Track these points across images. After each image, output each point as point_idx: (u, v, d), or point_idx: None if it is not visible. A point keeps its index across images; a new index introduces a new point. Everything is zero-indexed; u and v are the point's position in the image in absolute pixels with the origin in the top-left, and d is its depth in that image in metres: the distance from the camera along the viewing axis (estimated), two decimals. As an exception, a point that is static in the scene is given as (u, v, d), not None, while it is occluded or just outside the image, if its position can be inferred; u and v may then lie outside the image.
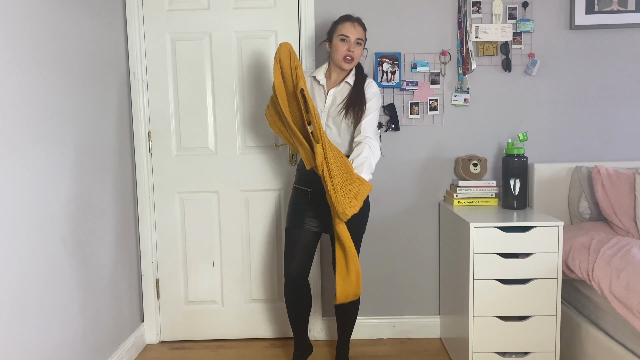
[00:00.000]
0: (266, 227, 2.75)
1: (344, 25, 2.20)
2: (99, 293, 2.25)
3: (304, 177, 2.28)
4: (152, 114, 2.68)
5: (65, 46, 1.99)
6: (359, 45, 2.21)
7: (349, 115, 2.19)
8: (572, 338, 2.28)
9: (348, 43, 2.18)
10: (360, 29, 2.21)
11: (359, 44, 2.20)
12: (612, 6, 2.59)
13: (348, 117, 2.19)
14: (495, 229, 2.16)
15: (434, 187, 2.72)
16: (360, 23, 2.23)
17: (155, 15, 2.62)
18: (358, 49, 2.20)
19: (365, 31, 2.24)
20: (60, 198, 1.94)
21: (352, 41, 2.18)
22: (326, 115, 2.23)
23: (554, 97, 2.66)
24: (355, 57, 2.20)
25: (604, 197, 2.38)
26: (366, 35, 2.26)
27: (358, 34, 2.19)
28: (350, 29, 2.19)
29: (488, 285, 2.18)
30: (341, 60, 2.19)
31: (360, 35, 2.20)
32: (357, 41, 2.19)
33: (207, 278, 2.77)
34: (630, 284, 1.87)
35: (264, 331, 2.81)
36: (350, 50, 2.18)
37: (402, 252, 2.75)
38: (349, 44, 2.18)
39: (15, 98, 1.67)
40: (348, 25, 2.19)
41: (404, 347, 2.67)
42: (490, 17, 2.61)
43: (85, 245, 2.13)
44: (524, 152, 2.48)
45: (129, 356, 2.53)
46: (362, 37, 2.21)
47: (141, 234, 2.71)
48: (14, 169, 1.66)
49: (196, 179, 2.71)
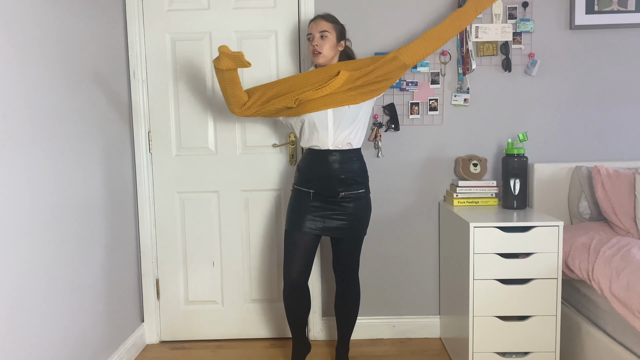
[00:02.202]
0: (266, 227, 2.75)
1: (309, 26, 2.27)
2: (99, 293, 2.25)
3: (305, 177, 2.26)
4: (152, 114, 2.68)
5: (65, 46, 1.99)
6: (326, 38, 2.21)
7: None
8: (572, 338, 2.28)
9: (313, 39, 2.22)
10: (322, 22, 2.23)
11: (325, 36, 2.21)
12: (612, 6, 2.59)
13: None
14: (495, 229, 2.16)
15: (434, 187, 2.72)
16: (324, 17, 2.25)
17: (155, 15, 2.62)
18: (325, 42, 2.21)
19: (333, 23, 2.24)
20: (60, 198, 1.94)
21: (316, 36, 2.21)
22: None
23: (554, 97, 2.66)
24: (324, 50, 2.21)
25: (604, 197, 2.38)
26: (339, 27, 2.26)
27: (320, 27, 2.21)
28: (312, 26, 2.24)
29: (488, 285, 2.18)
30: (311, 57, 2.25)
31: (323, 28, 2.21)
32: (322, 34, 2.21)
33: (207, 278, 2.77)
34: (630, 284, 1.87)
35: (263, 331, 2.81)
36: (315, 45, 2.21)
37: (402, 252, 2.75)
38: (314, 39, 2.22)
39: (15, 98, 1.67)
40: (311, 24, 2.25)
41: (404, 347, 2.67)
42: (490, 17, 2.61)
43: (85, 245, 2.14)
44: (524, 152, 2.48)
45: (129, 356, 2.53)
46: (325, 29, 2.21)
47: (141, 234, 2.71)
48: (14, 169, 1.66)
49: (196, 179, 2.72)
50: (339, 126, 2.20)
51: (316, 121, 2.21)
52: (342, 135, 2.21)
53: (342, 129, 2.20)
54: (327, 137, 2.20)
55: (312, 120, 2.21)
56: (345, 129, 2.21)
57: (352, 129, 2.22)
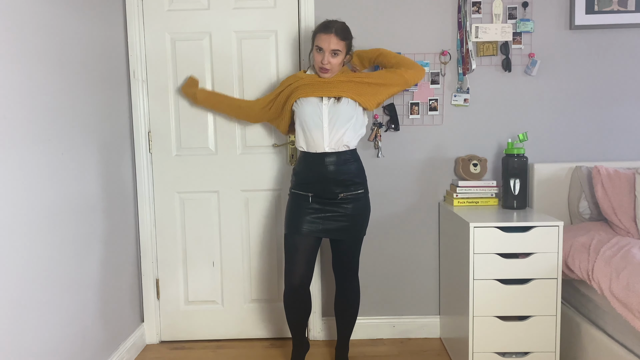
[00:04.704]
0: (266, 227, 2.75)
1: (320, 36, 2.16)
2: (99, 293, 2.25)
3: (303, 181, 2.24)
4: (152, 114, 2.68)
5: (65, 46, 1.99)
6: (337, 56, 2.17)
7: None
8: (572, 338, 2.28)
9: (322, 54, 2.16)
10: (336, 39, 2.13)
11: (336, 54, 2.16)
12: (612, 6, 2.59)
13: None
14: (495, 229, 2.16)
15: (434, 187, 2.72)
16: (339, 33, 2.14)
17: (155, 15, 2.62)
18: (335, 59, 2.17)
19: (345, 40, 2.17)
20: (60, 198, 1.94)
21: (327, 53, 2.15)
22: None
23: (554, 97, 2.66)
24: (332, 68, 2.18)
25: (604, 197, 2.38)
26: (349, 43, 2.21)
27: (333, 46, 2.14)
28: (325, 41, 2.14)
29: (488, 285, 2.18)
30: (318, 71, 2.22)
31: (336, 47, 2.14)
32: (334, 52, 2.15)
33: (207, 278, 2.77)
34: (630, 284, 1.87)
35: (263, 331, 2.81)
36: (323, 63, 2.16)
37: (402, 252, 2.75)
38: (323, 55, 2.16)
39: (15, 98, 1.67)
40: (323, 37, 2.15)
41: (404, 347, 2.67)
42: (490, 17, 2.61)
43: (85, 245, 2.14)
44: (524, 152, 2.48)
45: (129, 356, 2.53)
46: (338, 48, 2.15)
47: (141, 234, 2.71)
48: (14, 169, 1.66)
49: (196, 179, 2.71)
50: (334, 125, 2.17)
51: (308, 119, 2.18)
52: (337, 135, 2.17)
53: (337, 128, 2.17)
54: (321, 138, 2.17)
55: (304, 118, 2.20)
56: (341, 127, 2.17)
57: (348, 128, 2.18)
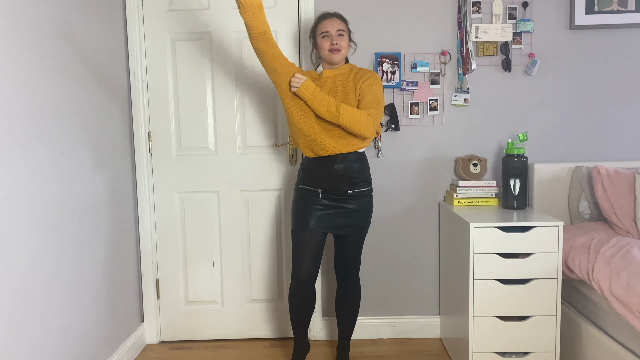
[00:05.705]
0: (266, 227, 2.75)
1: (322, 23, 2.21)
2: (99, 293, 2.25)
3: (312, 177, 2.23)
4: (152, 114, 2.68)
5: (65, 46, 1.99)
6: (343, 37, 2.20)
7: None
8: (572, 338, 2.29)
9: (330, 37, 2.18)
10: (338, 21, 2.20)
11: (342, 35, 2.19)
12: (612, 6, 2.59)
13: None
14: (495, 229, 2.16)
15: (434, 187, 2.72)
16: (338, 16, 2.22)
17: (155, 15, 2.62)
18: (342, 40, 2.19)
19: (345, 23, 2.23)
20: (60, 198, 1.94)
21: (334, 34, 2.18)
22: None
23: (554, 97, 2.66)
24: (342, 47, 2.19)
25: (604, 197, 2.38)
26: (349, 27, 2.25)
27: (338, 26, 2.19)
28: (328, 24, 2.19)
29: (488, 285, 2.18)
30: (328, 53, 2.19)
31: (340, 27, 2.19)
32: (339, 32, 2.19)
33: (207, 278, 2.77)
34: (630, 284, 1.87)
35: (264, 331, 2.81)
36: (333, 43, 2.18)
37: (402, 252, 2.75)
38: (331, 37, 2.18)
39: (15, 98, 1.67)
40: (326, 22, 2.20)
41: (404, 347, 2.67)
42: (490, 17, 2.61)
43: (85, 245, 2.14)
44: (524, 152, 2.48)
45: (129, 356, 2.53)
46: (343, 28, 2.20)
47: (141, 234, 2.71)
48: (14, 169, 1.66)
49: (196, 179, 2.72)
50: None
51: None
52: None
53: None
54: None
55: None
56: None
57: None
